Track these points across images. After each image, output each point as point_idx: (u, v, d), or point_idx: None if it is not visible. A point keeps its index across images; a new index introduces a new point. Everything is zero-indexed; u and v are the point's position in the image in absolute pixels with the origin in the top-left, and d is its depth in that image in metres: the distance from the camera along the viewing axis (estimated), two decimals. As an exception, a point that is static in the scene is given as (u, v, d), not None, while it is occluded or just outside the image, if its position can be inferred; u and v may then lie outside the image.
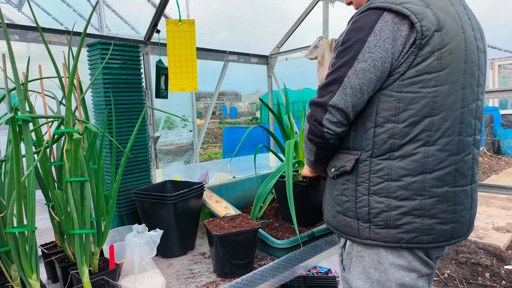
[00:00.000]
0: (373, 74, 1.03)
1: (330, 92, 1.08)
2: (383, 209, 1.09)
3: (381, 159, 1.09)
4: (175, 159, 6.08)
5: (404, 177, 1.07)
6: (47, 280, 1.38)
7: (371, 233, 1.12)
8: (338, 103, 1.07)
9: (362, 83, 1.04)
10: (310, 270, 2.38)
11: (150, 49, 2.46)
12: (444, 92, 1.04)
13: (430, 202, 1.07)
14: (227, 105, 25.15)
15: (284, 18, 3.00)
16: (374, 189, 1.10)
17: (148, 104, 2.40)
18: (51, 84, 1.26)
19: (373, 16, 1.03)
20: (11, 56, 0.96)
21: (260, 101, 1.97)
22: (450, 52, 1.03)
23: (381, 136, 1.08)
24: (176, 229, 1.53)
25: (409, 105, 1.04)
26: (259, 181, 2.15)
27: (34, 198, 0.96)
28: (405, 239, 1.08)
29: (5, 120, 0.91)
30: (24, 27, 1.91)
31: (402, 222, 1.08)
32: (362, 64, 1.04)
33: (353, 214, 1.15)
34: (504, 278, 3.39)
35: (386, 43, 1.01)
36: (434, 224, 1.08)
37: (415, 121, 1.05)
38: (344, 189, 1.17)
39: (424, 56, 1.01)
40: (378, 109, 1.07)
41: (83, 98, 1.28)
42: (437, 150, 1.06)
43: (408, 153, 1.06)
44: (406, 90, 1.03)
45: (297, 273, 1.45)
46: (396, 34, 1.01)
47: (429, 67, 1.01)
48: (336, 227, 1.23)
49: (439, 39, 1.01)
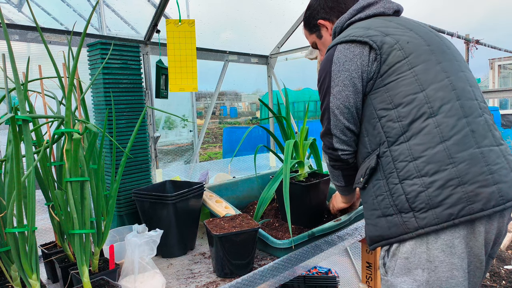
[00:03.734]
0: (347, 91, 1.21)
1: (327, 119, 1.28)
2: (419, 190, 1.08)
3: (397, 144, 1.13)
4: (175, 159, 6.08)
5: (425, 152, 1.09)
6: (47, 280, 1.38)
7: (418, 221, 1.08)
8: (336, 124, 1.26)
9: (343, 101, 1.22)
10: (310, 270, 2.38)
11: (150, 49, 2.46)
12: (421, 70, 1.15)
13: (461, 167, 1.06)
14: (227, 105, 25.16)
15: (284, 18, 3.00)
16: (403, 174, 1.11)
17: (148, 104, 2.40)
18: (51, 84, 1.26)
19: (331, 52, 1.26)
20: (11, 56, 0.96)
21: (260, 101, 1.97)
22: (407, 41, 1.18)
23: (387, 124, 1.15)
24: (176, 229, 1.53)
25: (396, 89, 1.15)
26: (259, 181, 2.15)
27: (34, 198, 0.96)
28: (455, 213, 1.05)
29: (5, 120, 0.91)
30: (24, 27, 1.91)
31: (443, 197, 1.06)
32: (336, 88, 1.23)
33: (393, 209, 1.13)
34: (504, 278, 3.39)
35: (346, 65, 1.20)
36: (477, 188, 1.05)
37: (410, 100, 1.13)
38: (377, 189, 1.18)
39: (387, 52, 1.16)
40: (374, 106, 1.19)
41: (83, 98, 1.28)
42: (444, 117, 1.10)
43: (417, 129, 1.11)
44: (388, 81, 1.16)
45: (297, 273, 1.45)
46: (350, 55, 1.20)
47: (396, 57, 1.16)
48: (381, 236, 1.18)
49: (391, 38, 1.17)
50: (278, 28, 3.10)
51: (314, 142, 1.90)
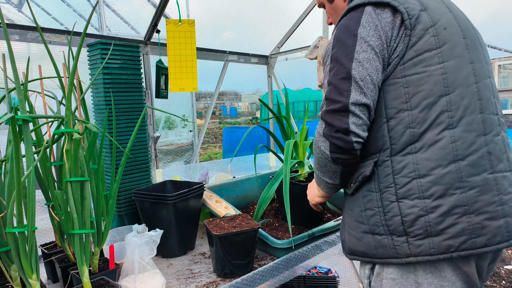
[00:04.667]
0: (377, 62, 0.97)
1: (344, 91, 0.96)
2: (419, 214, 0.93)
3: (403, 155, 0.96)
4: (175, 159, 6.08)
5: (433, 170, 0.93)
6: (47, 280, 1.38)
7: (411, 248, 0.94)
8: (360, 98, 0.95)
9: (371, 72, 0.96)
10: (310, 270, 2.38)
11: (150, 49, 2.46)
12: (452, 67, 0.96)
13: (471, 194, 0.92)
14: (227, 105, 25.15)
15: (284, 18, 3.00)
16: (403, 192, 0.95)
17: (148, 104, 2.40)
18: (51, 84, 1.26)
19: (356, 14, 1.01)
20: (11, 56, 0.96)
21: (260, 101, 1.97)
22: (444, 27, 0.98)
23: (396, 129, 0.97)
24: (176, 229, 1.53)
25: (418, 87, 0.95)
26: (259, 181, 2.15)
27: (34, 198, 0.96)
28: (455, 246, 0.91)
29: (5, 120, 0.91)
30: (24, 27, 1.91)
31: (446, 225, 0.92)
32: (363, 54, 0.96)
33: (384, 229, 0.98)
34: (504, 278, 3.39)
35: (377, 31, 0.97)
36: (484, 220, 0.92)
37: (430, 103, 0.95)
38: (368, 201, 1.02)
39: (419, 34, 0.96)
40: (386, 101, 0.98)
41: (83, 98, 1.28)
42: (463, 131, 0.94)
43: (431, 140, 0.94)
44: (411, 72, 0.96)
45: (297, 273, 1.45)
46: (383, 21, 0.98)
47: (428, 44, 0.96)
48: (365, 253, 1.03)
49: (427, 16, 0.97)
50: (278, 28, 3.10)
51: (314, 142, 1.90)
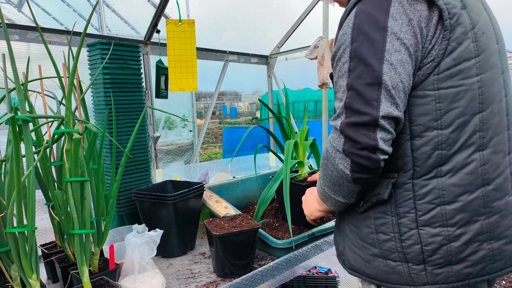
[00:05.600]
0: (411, 65, 0.82)
1: (372, 101, 0.80)
2: (442, 243, 0.86)
3: (427, 179, 0.86)
4: (175, 159, 6.08)
5: (460, 196, 0.86)
6: (47, 280, 1.38)
7: (428, 276, 0.88)
8: (392, 110, 0.80)
9: (404, 78, 0.81)
10: (310, 270, 2.38)
11: (150, 49, 2.46)
12: (487, 80, 0.86)
13: (494, 220, 0.87)
14: (227, 105, 25.14)
15: (284, 18, 3.00)
16: (425, 219, 0.87)
17: (148, 104, 2.40)
18: (51, 84, 1.26)
19: (382, 0, 0.82)
20: (11, 56, 0.96)
21: (260, 101, 1.97)
22: (482, 32, 0.85)
23: (422, 149, 0.86)
24: (176, 229, 1.53)
25: (452, 103, 0.83)
26: (259, 181, 2.15)
27: (34, 198, 0.96)
28: (474, 273, 0.87)
29: (5, 120, 0.91)
30: (24, 27, 1.91)
31: (467, 253, 0.86)
32: (395, 55, 0.80)
33: (400, 256, 0.90)
34: (504, 278, 3.39)
35: (411, 26, 0.80)
36: (502, 245, 0.88)
37: (464, 122, 0.84)
38: (381, 225, 0.92)
39: (459, 39, 0.81)
40: (412, 116, 0.85)
41: (83, 98, 1.28)
42: (491, 153, 0.86)
43: (460, 164, 0.85)
44: (446, 85, 0.83)
45: (297, 273, 1.45)
46: (415, 16, 0.81)
47: (467, 52, 0.83)
48: (374, 276, 0.96)
49: (467, 17, 0.83)
50: (278, 28, 3.11)
51: (314, 142, 1.89)
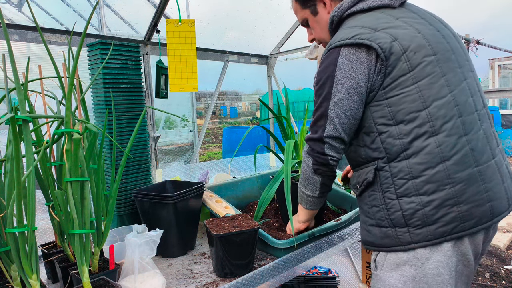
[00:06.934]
0: (350, 100, 1.15)
1: (321, 126, 1.20)
2: (416, 208, 1.11)
3: (397, 161, 1.13)
4: (175, 159, 6.09)
5: (425, 171, 1.10)
6: (47, 280, 1.38)
7: (412, 237, 1.12)
8: (331, 133, 1.19)
9: (345, 110, 1.16)
10: (310, 270, 2.38)
11: (150, 49, 2.46)
12: (425, 85, 1.11)
13: (459, 188, 1.09)
14: (227, 105, 25.15)
15: (284, 18, 3.00)
16: (401, 191, 1.13)
17: (148, 104, 2.40)
18: (51, 84, 1.26)
19: (334, 55, 1.16)
20: (11, 56, 0.96)
21: (260, 101, 1.96)
22: (414, 52, 1.11)
23: (388, 141, 1.14)
24: (176, 229, 1.53)
25: (398, 105, 1.12)
26: (259, 181, 2.15)
27: (34, 198, 0.96)
28: (448, 231, 1.10)
29: (5, 120, 0.91)
30: (24, 27, 1.91)
31: (439, 216, 1.09)
32: (338, 95, 1.16)
33: (388, 223, 1.16)
34: (504, 278, 3.40)
35: (352, 72, 1.13)
36: (471, 208, 1.09)
37: (412, 117, 1.11)
38: (373, 200, 1.20)
39: (393, 64, 1.10)
40: (375, 119, 1.16)
41: (83, 98, 1.28)
42: (445, 136, 1.10)
43: (419, 148, 1.11)
44: (390, 95, 1.12)
45: (297, 273, 1.45)
46: (357, 62, 1.12)
47: (401, 71, 1.11)
48: (373, 243, 1.23)
49: (399, 46, 1.10)
50: (278, 28, 3.11)
51: (314, 142, 1.89)
